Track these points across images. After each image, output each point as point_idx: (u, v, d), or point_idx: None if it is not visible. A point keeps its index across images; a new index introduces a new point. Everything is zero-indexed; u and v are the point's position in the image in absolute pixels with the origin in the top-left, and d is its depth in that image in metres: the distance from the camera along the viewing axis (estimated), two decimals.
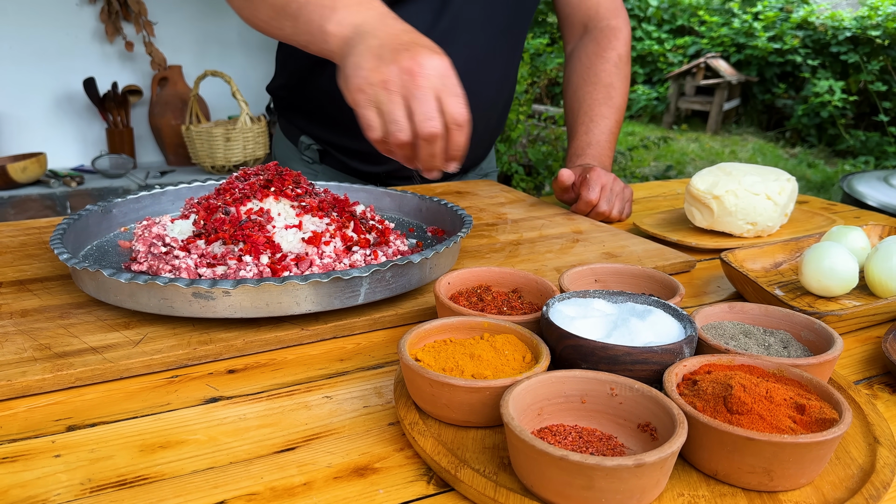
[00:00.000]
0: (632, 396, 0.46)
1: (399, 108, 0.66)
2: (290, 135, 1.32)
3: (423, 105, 0.66)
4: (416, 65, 0.66)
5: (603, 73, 1.23)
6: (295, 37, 0.78)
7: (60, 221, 0.78)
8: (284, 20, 0.77)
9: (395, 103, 0.66)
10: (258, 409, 0.53)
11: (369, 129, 0.68)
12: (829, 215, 1.08)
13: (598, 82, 1.23)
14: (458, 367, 0.50)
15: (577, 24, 1.32)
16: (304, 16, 0.75)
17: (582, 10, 1.30)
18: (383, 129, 0.68)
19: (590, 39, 1.28)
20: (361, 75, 0.67)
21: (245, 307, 0.61)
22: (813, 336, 0.57)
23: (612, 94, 1.22)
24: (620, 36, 1.27)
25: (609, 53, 1.24)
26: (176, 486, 0.44)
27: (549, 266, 0.84)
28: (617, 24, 1.28)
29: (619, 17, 1.30)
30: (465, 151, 0.72)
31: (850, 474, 0.45)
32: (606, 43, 1.26)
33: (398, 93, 0.66)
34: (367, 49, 0.68)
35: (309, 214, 0.75)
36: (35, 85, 2.94)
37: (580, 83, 1.25)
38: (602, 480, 0.38)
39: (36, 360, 0.56)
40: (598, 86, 1.23)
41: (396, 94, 0.66)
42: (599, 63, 1.24)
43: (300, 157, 1.30)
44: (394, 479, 0.45)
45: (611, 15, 1.29)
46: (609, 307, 0.57)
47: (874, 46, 5.99)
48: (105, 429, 0.50)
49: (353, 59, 0.69)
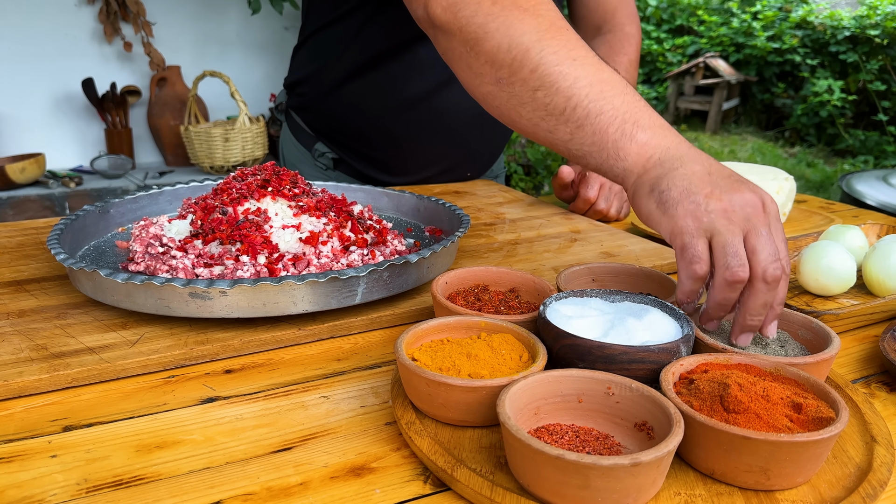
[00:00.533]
0: (629, 396, 0.46)
1: (741, 243, 0.56)
2: (303, 139, 1.30)
3: (769, 244, 0.55)
4: (759, 199, 0.57)
5: None
6: (569, 144, 0.66)
7: (58, 222, 0.78)
8: (560, 124, 0.65)
9: (737, 235, 0.56)
10: (255, 409, 0.53)
11: (695, 261, 0.56)
12: (827, 214, 1.08)
13: None
14: (455, 367, 0.50)
15: (591, 27, 1.32)
16: (592, 125, 0.64)
17: (598, 13, 1.30)
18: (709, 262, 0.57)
19: (602, 42, 1.28)
20: (695, 200, 0.57)
21: (242, 307, 0.61)
22: (810, 335, 0.57)
23: None
24: (633, 42, 1.27)
25: (620, 58, 1.25)
26: (172, 487, 0.44)
27: (546, 265, 0.84)
28: (631, 31, 1.28)
29: (634, 24, 1.30)
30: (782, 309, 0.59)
31: (847, 473, 0.45)
32: (619, 47, 1.26)
33: (739, 226, 0.56)
34: (693, 174, 0.59)
35: (306, 214, 0.75)
36: (34, 85, 2.93)
37: None
38: (598, 480, 0.38)
39: (32, 360, 0.56)
40: None
41: (738, 226, 0.56)
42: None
43: (313, 162, 1.29)
44: (390, 478, 0.45)
45: (626, 20, 1.29)
46: (606, 306, 0.57)
47: (873, 46, 5.99)
48: (101, 429, 0.50)
49: (679, 182, 0.59)
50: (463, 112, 1.17)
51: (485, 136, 1.25)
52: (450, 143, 1.22)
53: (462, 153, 1.26)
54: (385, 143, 1.21)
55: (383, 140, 1.21)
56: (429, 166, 1.26)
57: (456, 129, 1.20)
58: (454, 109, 1.16)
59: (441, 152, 1.24)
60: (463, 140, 1.23)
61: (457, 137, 1.21)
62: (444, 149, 1.23)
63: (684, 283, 0.57)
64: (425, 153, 1.23)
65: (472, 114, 1.18)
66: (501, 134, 1.29)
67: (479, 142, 1.26)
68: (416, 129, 1.19)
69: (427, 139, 1.20)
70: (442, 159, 1.25)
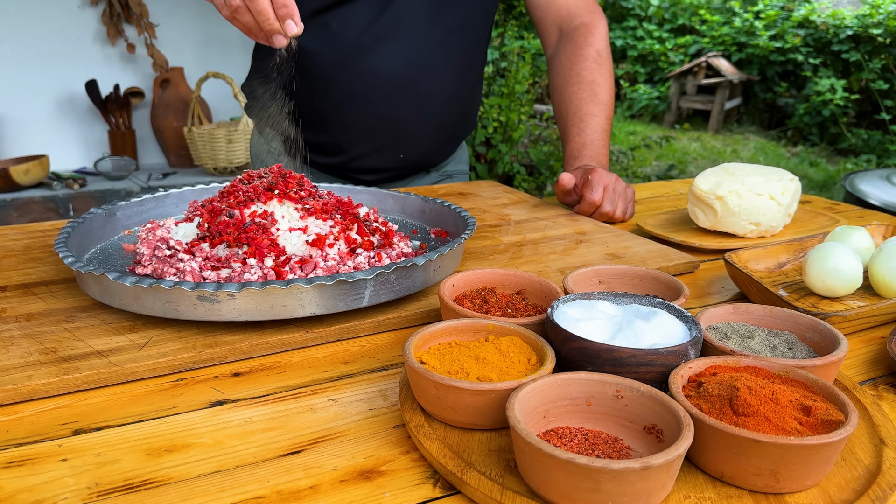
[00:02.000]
0: (637, 399, 0.46)
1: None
2: (262, 130, 1.35)
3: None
4: None
5: (584, 72, 1.23)
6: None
7: (65, 225, 0.78)
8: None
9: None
10: (264, 413, 0.53)
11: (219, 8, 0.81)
12: (832, 215, 1.08)
13: (580, 81, 1.23)
14: (464, 370, 0.50)
15: (551, 28, 1.32)
16: None
17: (552, 11, 1.30)
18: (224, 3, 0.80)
19: (567, 41, 1.27)
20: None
21: (250, 310, 0.61)
22: (818, 337, 0.57)
23: (596, 90, 1.22)
24: (596, 32, 1.26)
25: (587, 51, 1.24)
26: (183, 490, 0.44)
27: (552, 267, 0.84)
28: (590, 20, 1.28)
29: (593, 13, 1.29)
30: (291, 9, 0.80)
31: (856, 476, 0.45)
32: (583, 41, 1.25)
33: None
34: None
35: (313, 217, 0.75)
36: (37, 87, 2.94)
37: (564, 85, 1.25)
38: (609, 483, 0.38)
39: (42, 363, 0.57)
40: (581, 84, 1.22)
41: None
42: (579, 62, 1.24)
43: (268, 149, 1.32)
44: (400, 482, 0.45)
45: (582, 12, 1.28)
46: (614, 309, 0.57)
47: (875, 45, 5.99)
48: (111, 432, 0.50)
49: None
50: (381, 84, 1.17)
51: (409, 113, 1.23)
52: (371, 117, 1.21)
53: (387, 129, 1.24)
54: (315, 122, 1.23)
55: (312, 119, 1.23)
56: (359, 143, 1.25)
57: (375, 103, 1.19)
58: (369, 80, 1.17)
59: (366, 127, 1.23)
60: (385, 115, 1.21)
61: (377, 111, 1.20)
62: (368, 123, 1.23)
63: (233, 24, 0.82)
64: (350, 128, 1.23)
65: (390, 86, 1.18)
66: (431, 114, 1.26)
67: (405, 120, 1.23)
68: (336, 103, 1.20)
69: (350, 112, 1.20)
70: (369, 135, 1.24)
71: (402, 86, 1.18)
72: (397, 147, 1.27)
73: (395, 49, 1.16)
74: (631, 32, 7.55)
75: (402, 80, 1.18)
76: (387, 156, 1.28)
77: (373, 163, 1.29)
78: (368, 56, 1.15)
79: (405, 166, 1.32)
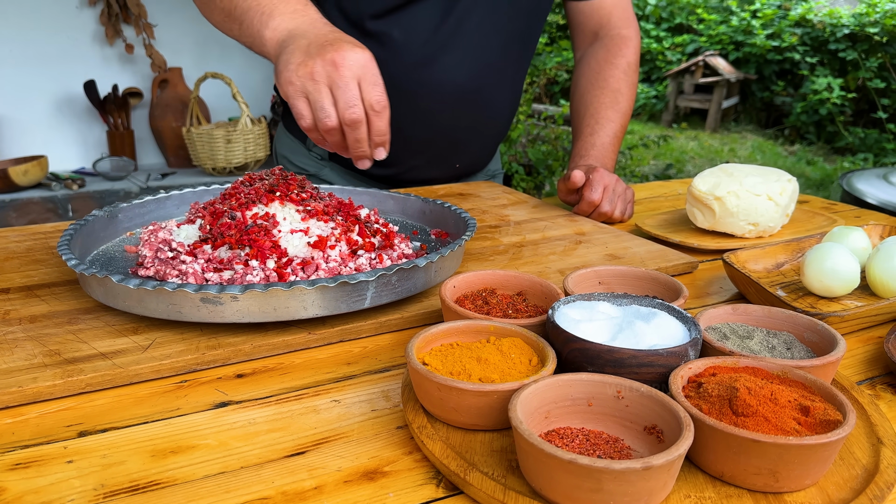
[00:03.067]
0: (638, 399, 0.47)
1: (325, 97, 0.73)
2: (296, 132, 1.31)
3: (346, 93, 0.73)
4: (339, 57, 0.73)
5: (611, 79, 1.24)
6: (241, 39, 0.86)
7: (67, 227, 0.79)
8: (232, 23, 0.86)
9: (322, 92, 0.73)
10: (267, 414, 0.54)
11: (300, 118, 0.75)
12: (829, 215, 1.09)
13: (605, 87, 1.24)
14: (466, 371, 0.50)
15: (588, 32, 1.33)
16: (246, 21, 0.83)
17: (595, 18, 1.31)
18: (312, 117, 0.76)
19: (600, 46, 1.29)
20: (290, 69, 0.74)
21: (253, 312, 0.61)
22: (816, 337, 0.58)
23: (619, 98, 1.23)
24: (631, 45, 1.28)
25: (619, 60, 1.25)
26: (188, 491, 0.44)
27: (552, 268, 0.85)
28: (628, 34, 1.29)
29: (631, 27, 1.30)
30: (387, 137, 0.79)
31: (854, 475, 0.46)
32: (617, 50, 1.27)
33: (323, 83, 0.73)
34: (297, 48, 0.76)
35: (314, 218, 0.75)
36: (36, 88, 2.94)
37: (588, 87, 1.26)
38: (610, 483, 0.39)
39: (46, 366, 0.57)
40: (605, 90, 1.23)
41: (322, 83, 0.73)
42: (609, 69, 1.25)
43: (307, 153, 1.30)
44: (403, 482, 0.46)
45: (622, 24, 1.30)
46: (614, 310, 0.57)
47: (872, 43, 6.00)
48: (116, 434, 0.51)
49: (283, 57, 0.76)
50: (444, 95, 1.16)
51: (469, 122, 1.23)
52: (432, 129, 1.21)
53: (447, 140, 1.24)
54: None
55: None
56: (416, 155, 1.25)
57: (437, 114, 1.19)
58: (433, 92, 1.16)
59: (425, 138, 1.22)
60: (447, 126, 1.21)
61: (439, 122, 1.20)
62: (428, 134, 1.22)
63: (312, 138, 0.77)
64: (409, 140, 1.21)
65: (454, 97, 1.17)
66: (489, 123, 1.27)
67: (465, 130, 1.24)
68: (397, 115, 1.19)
69: (409, 124, 1.18)
70: (427, 147, 1.24)
71: (464, 96, 1.17)
72: (454, 157, 1.28)
73: (460, 59, 1.15)
74: None
75: (465, 90, 1.17)
76: (443, 166, 1.29)
77: (428, 174, 1.29)
78: (433, 67, 1.14)
79: (458, 175, 1.33)
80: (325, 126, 0.74)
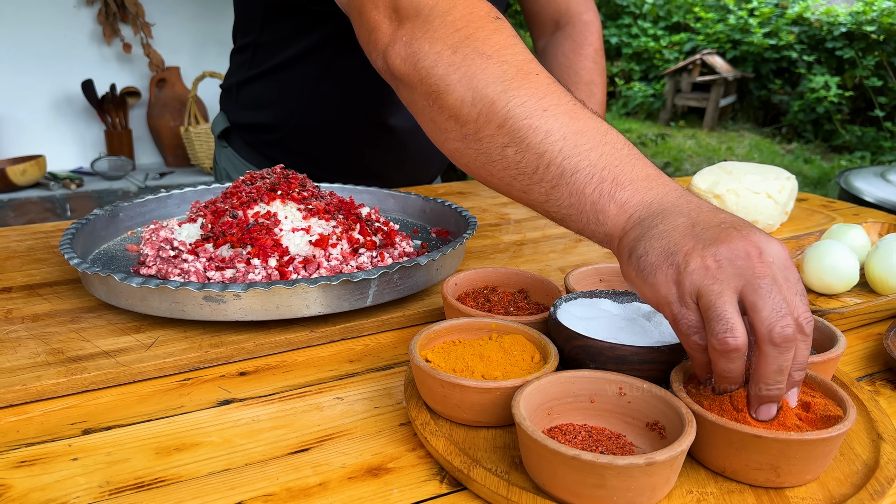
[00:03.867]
0: (640, 396, 0.47)
1: (729, 303, 0.46)
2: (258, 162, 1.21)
3: (772, 298, 0.45)
4: (754, 247, 0.47)
5: (583, 71, 1.23)
6: (546, 206, 0.58)
7: (68, 226, 0.79)
8: (534, 184, 0.57)
9: (723, 295, 0.46)
10: (271, 411, 0.54)
11: (692, 331, 0.46)
12: (828, 213, 1.09)
13: (579, 81, 1.22)
14: (468, 368, 0.51)
15: (548, 20, 1.30)
16: (567, 186, 0.55)
17: (552, 7, 1.29)
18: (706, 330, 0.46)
19: (565, 36, 1.26)
20: (674, 262, 0.48)
21: (255, 310, 0.62)
22: (816, 334, 0.58)
23: (594, 90, 1.22)
24: (594, 29, 1.26)
25: (586, 49, 1.24)
26: (194, 488, 0.45)
27: (553, 266, 0.85)
28: (589, 18, 1.27)
29: (591, 10, 1.28)
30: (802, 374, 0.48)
31: (854, 470, 0.46)
32: (582, 39, 1.25)
33: (728, 283, 0.46)
34: (673, 229, 0.49)
35: (315, 217, 0.75)
36: (33, 87, 2.94)
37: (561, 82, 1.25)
38: (614, 479, 0.39)
39: (49, 364, 0.57)
40: (580, 85, 1.22)
41: (725, 284, 0.46)
42: (579, 61, 1.24)
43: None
44: (407, 478, 0.46)
45: (583, 9, 1.28)
46: (615, 307, 0.58)
47: (869, 42, 6.01)
48: (120, 432, 0.51)
49: (656, 243, 0.49)
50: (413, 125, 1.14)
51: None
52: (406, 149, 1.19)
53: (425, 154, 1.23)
54: (361, 171, 1.19)
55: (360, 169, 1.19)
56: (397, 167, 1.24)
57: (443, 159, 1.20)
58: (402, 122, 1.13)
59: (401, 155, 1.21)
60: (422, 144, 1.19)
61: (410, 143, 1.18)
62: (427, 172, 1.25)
63: (694, 359, 0.47)
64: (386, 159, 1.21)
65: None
66: None
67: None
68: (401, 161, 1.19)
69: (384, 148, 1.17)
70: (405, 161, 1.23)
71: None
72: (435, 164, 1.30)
73: None
74: (626, 30, 7.56)
75: None
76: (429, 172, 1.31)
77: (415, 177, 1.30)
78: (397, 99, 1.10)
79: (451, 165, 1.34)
80: (723, 345, 0.44)
